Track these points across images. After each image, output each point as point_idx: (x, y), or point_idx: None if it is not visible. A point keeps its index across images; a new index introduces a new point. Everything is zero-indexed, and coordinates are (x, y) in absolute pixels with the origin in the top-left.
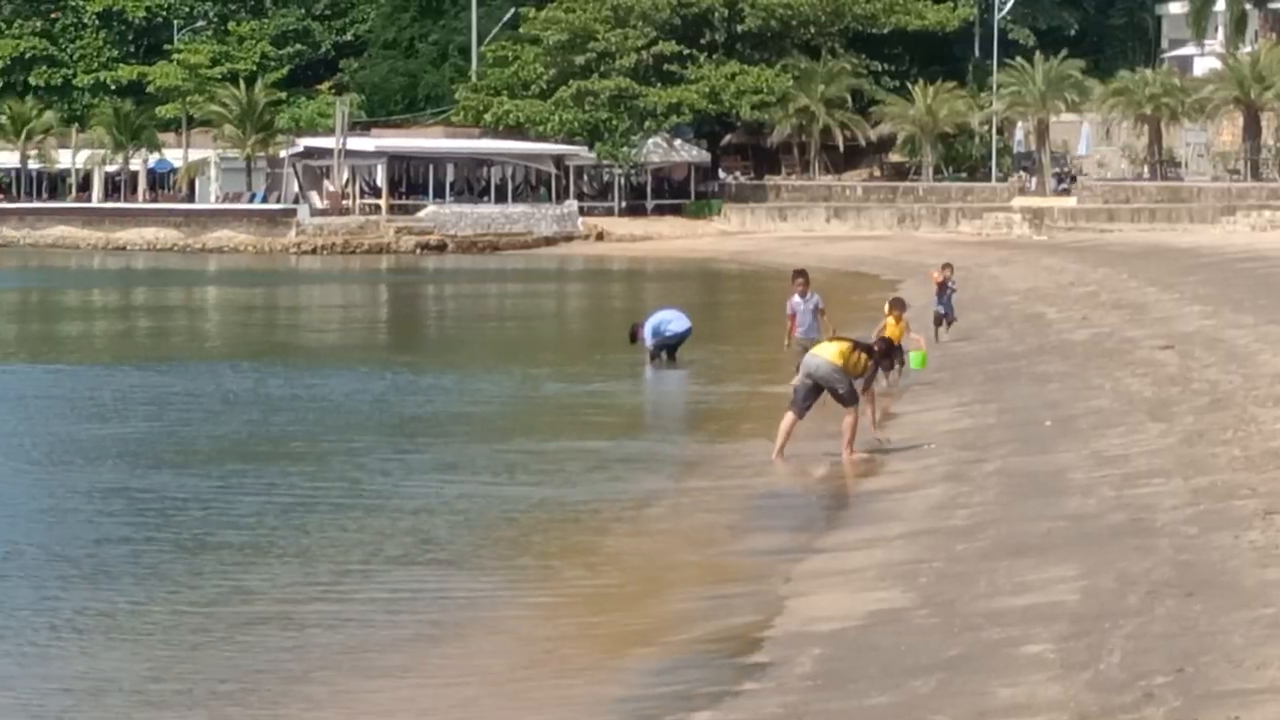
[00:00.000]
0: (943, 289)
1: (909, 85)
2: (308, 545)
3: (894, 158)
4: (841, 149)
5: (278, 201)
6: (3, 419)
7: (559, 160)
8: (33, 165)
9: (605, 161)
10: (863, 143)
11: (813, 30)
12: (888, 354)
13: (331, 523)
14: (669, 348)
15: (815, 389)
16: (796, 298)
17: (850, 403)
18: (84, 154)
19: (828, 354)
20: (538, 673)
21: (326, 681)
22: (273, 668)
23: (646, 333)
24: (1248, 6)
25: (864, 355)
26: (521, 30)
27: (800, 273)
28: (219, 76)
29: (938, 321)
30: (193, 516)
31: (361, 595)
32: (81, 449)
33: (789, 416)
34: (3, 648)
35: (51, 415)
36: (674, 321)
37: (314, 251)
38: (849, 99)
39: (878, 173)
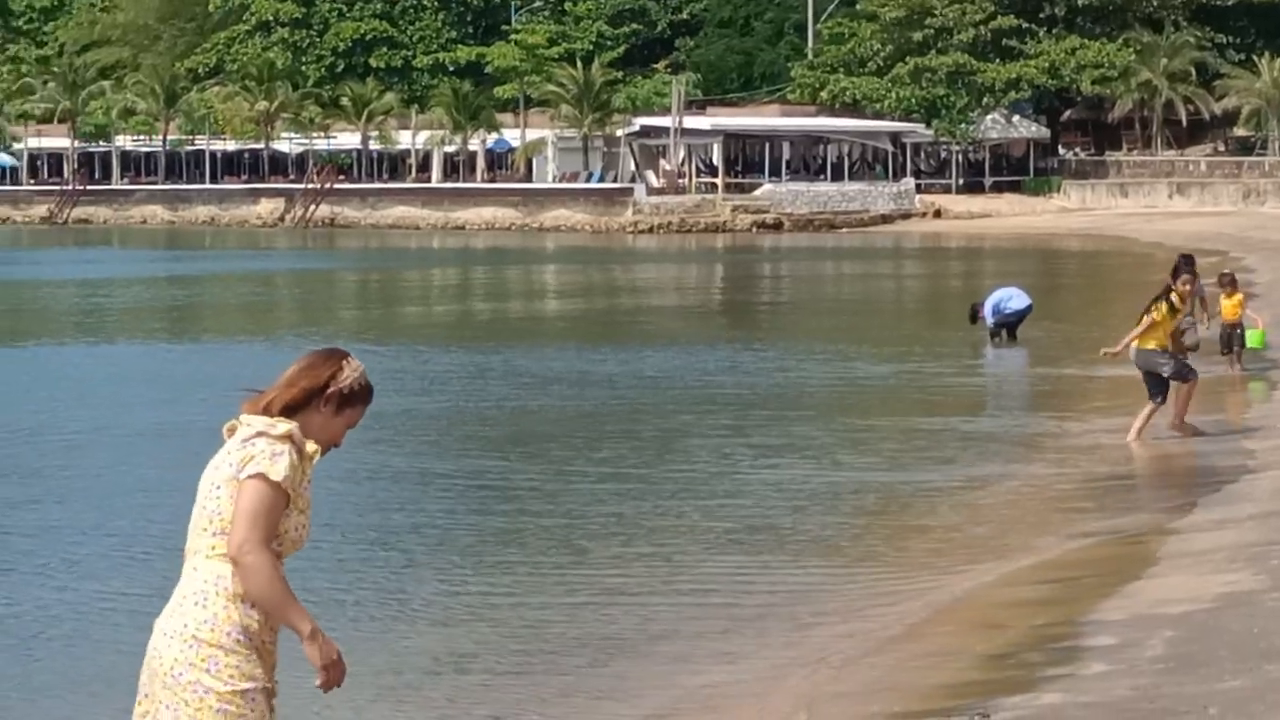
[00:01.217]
0: None
1: (1255, 58)
2: (645, 527)
3: (1239, 132)
4: (1184, 123)
5: (614, 181)
6: None
7: (896, 137)
8: (373, 146)
9: (942, 138)
10: (1206, 117)
11: (1155, 3)
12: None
13: (662, 505)
14: (1009, 326)
15: (1155, 377)
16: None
17: (1183, 378)
18: (423, 135)
19: (1139, 342)
20: (880, 659)
21: (671, 659)
22: (618, 647)
23: (987, 311)
24: None
25: (1167, 317)
26: (858, 6)
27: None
28: (556, 56)
29: None
30: (530, 495)
31: (690, 578)
32: (417, 428)
33: (1149, 404)
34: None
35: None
36: (1014, 299)
37: (650, 230)
38: (1192, 72)
39: (1221, 148)
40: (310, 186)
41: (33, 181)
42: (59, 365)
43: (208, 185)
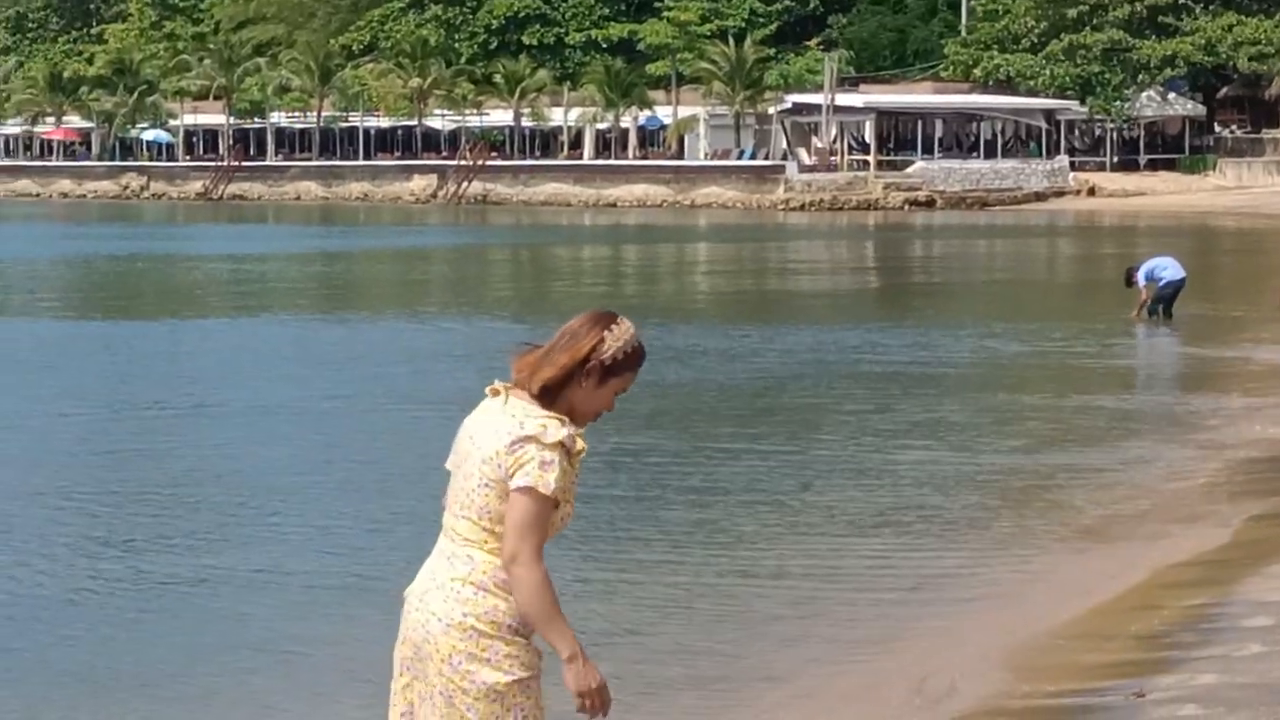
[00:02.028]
0: None
1: None
2: (787, 505)
3: None
4: None
5: (766, 158)
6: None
7: (1049, 115)
8: (526, 123)
9: (1097, 116)
10: None
11: None
12: None
13: (806, 483)
14: (1165, 301)
15: None
16: None
17: None
18: (575, 112)
19: None
20: (1033, 639)
21: (820, 639)
22: (766, 626)
23: (1141, 276)
24: None
25: None
26: None
27: None
28: (708, 33)
29: None
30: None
31: (836, 558)
32: None
33: None
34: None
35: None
36: (1169, 269)
37: (801, 208)
38: None
39: None
40: (463, 163)
41: (189, 158)
42: (214, 339)
43: (361, 162)
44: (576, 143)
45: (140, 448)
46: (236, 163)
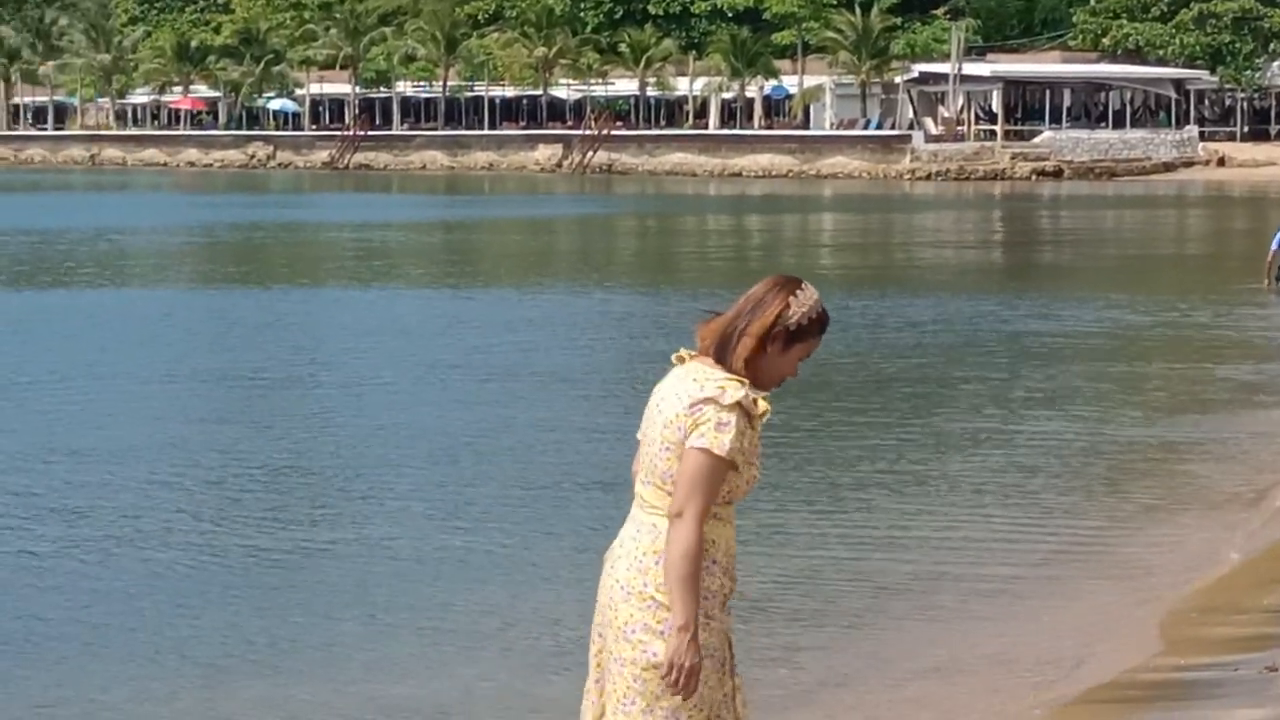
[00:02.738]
0: None
1: None
2: (914, 475)
3: None
4: None
5: (892, 128)
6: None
7: (1179, 84)
8: (651, 92)
9: (1227, 85)
10: None
11: None
12: None
13: (933, 453)
14: None
15: None
16: None
17: None
18: (700, 81)
19: None
20: (1165, 612)
21: (952, 613)
22: (897, 598)
23: (1274, 244)
24: None
25: None
26: None
27: None
28: (834, 3)
29: None
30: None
31: (964, 530)
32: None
33: None
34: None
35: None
36: None
37: (927, 178)
38: None
39: None
40: (588, 133)
41: (315, 127)
42: (338, 308)
43: (486, 131)
44: (702, 112)
45: (258, 416)
46: (362, 132)
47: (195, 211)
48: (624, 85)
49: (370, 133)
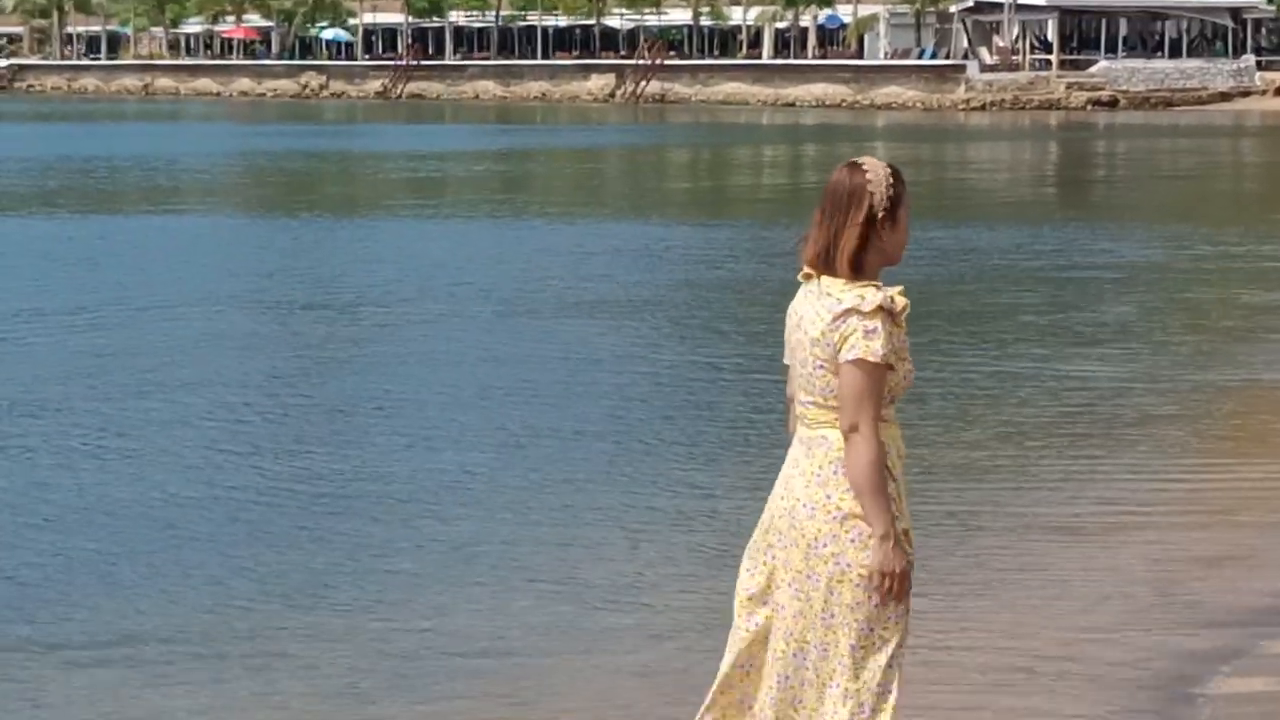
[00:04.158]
0: None
1: None
2: (974, 414)
3: None
4: None
5: (946, 57)
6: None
7: (1236, 13)
8: (704, 22)
9: None
10: None
11: None
12: None
13: (986, 390)
14: None
15: None
16: None
17: None
18: (754, 11)
19: None
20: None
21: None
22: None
23: None
24: None
25: None
26: None
27: None
28: None
29: None
30: None
31: (1026, 477)
32: (748, 300)
33: None
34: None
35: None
36: None
37: (982, 108)
38: None
39: None
40: (641, 63)
41: (368, 57)
42: (390, 237)
43: (539, 61)
44: (755, 42)
45: (318, 347)
46: (415, 62)
47: (247, 140)
48: (677, 15)
49: (423, 62)
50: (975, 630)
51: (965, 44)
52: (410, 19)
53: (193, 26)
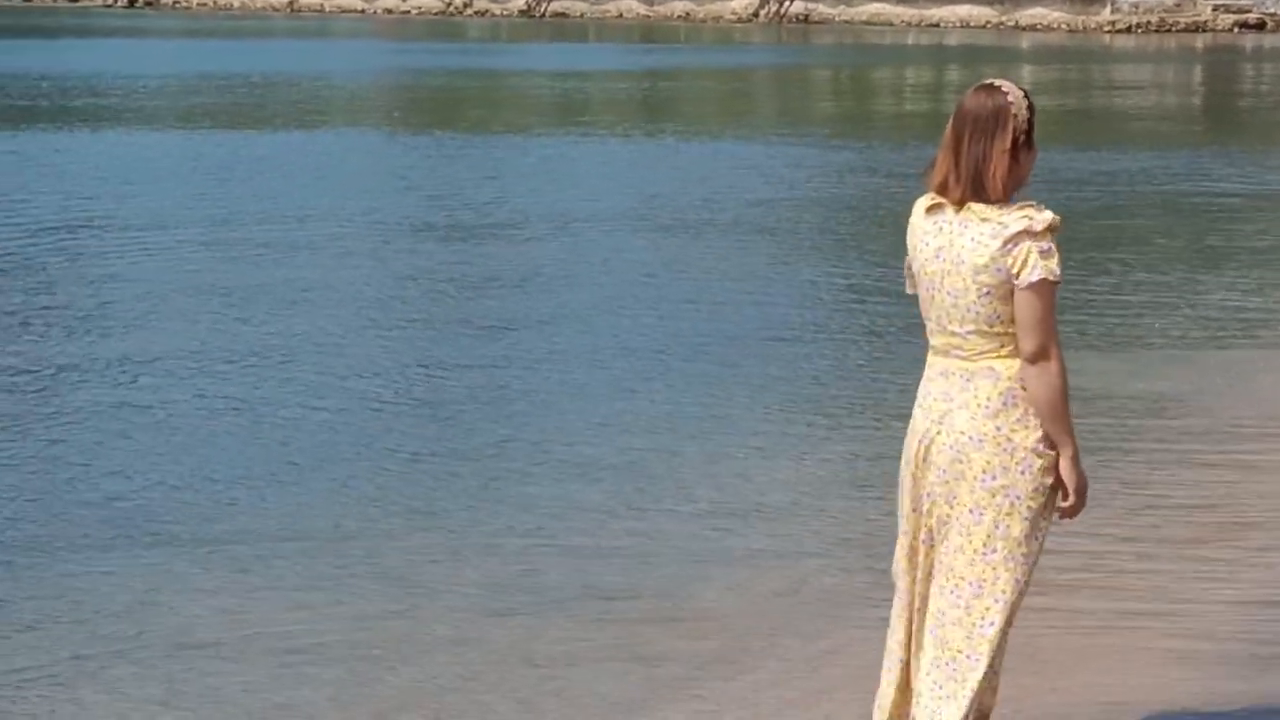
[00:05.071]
0: None
1: None
2: (1117, 339)
3: None
4: None
5: None
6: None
7: None
8: None
9: None
10: None
11: None
12: None
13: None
14: None
15: None
16: None
17: None
18: None
19: None
20: None
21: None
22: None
23: None
24: None
25: None
26: None
27: None
28: None
29: None
30: None
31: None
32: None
33: None
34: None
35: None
36: None
37: (1127, 30)
38: None
39: None
40: None
41: None
42: (530, 155)
43: None
44: None
45: (458, 265)
46: None
47: (392, 58)
48: None
49: None
50: None
51: None
52: None
53: None
